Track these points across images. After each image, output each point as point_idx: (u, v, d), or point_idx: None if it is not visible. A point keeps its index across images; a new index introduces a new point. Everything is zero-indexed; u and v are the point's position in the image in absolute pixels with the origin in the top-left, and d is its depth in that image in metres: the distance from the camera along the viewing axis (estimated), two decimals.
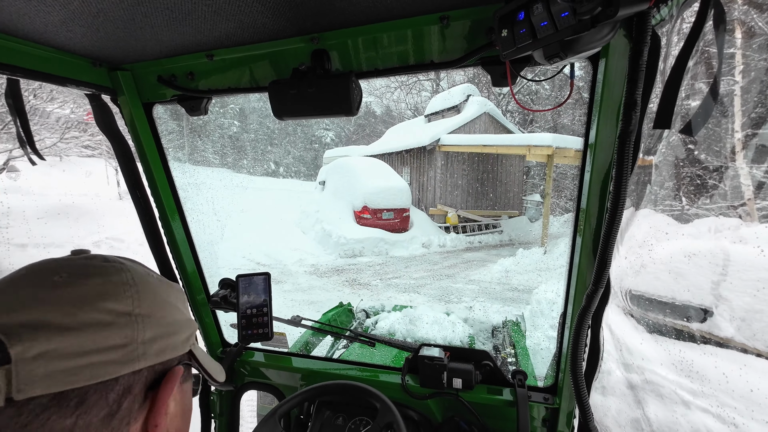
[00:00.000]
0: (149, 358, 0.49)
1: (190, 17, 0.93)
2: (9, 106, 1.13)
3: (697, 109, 0.77)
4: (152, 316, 0.51)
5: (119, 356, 0.45)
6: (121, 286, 0.49)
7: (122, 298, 0.48)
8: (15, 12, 0.87)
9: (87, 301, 0.45)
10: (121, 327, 0.46)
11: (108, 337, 0.45)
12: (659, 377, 3.18)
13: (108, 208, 11.24)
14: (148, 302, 0.51)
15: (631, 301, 3.96)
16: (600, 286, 0.92)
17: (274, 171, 38.66)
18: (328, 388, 1.28)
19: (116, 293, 0.48)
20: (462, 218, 16.32)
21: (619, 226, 0.86)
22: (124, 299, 0.48)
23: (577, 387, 1.00)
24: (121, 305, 0.48)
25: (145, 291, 0.52)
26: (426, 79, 31.22)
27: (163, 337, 0.52)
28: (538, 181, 22.50)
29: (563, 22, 0.68)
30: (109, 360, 0.45)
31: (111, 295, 0.47)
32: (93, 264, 0.50)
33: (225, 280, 1.51)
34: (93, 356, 0.43)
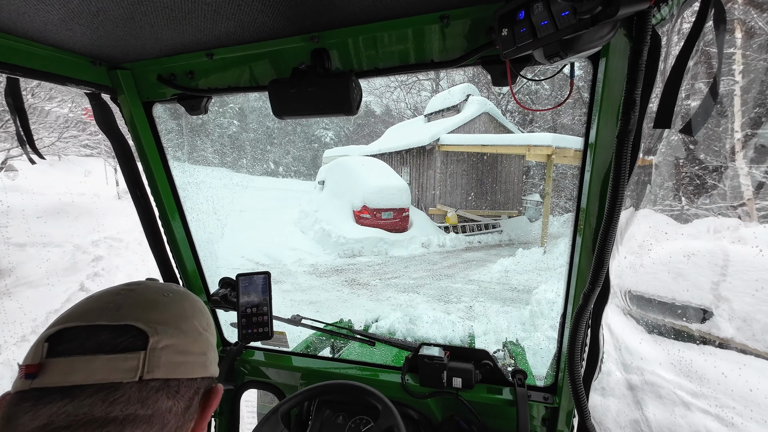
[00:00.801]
0: (211, 369, 0.60)
1: (190, 16, 0.93)
2: (9, 105, 1.13)
3: (696, 108, 0.77)
4: (213, 337, 0.63)
5: (201, 361, 0.56)
6: (202, 310, 0.63)
7: (203, 318, 0.61)
8: (15, 11, 0.87)
9: (187, 316, 0.58)
10: (203, 340, 0.58)
11: (198, 344, 0.57)
12: (659, 378, 3.18)
13: (107, 207, 11.25)
14: (211, 326, 0.63)
15: (630, 301, 3.97)
16: (597, 285, 0.92)
17: (273, 170, 38.63)
18: (330, 388, 1.28)
19: (200, 313, 0.61)
20: (461, 218, 16.32)
21: (616, 225, 0.86)
22: (204, 319, 0.61)
23: (575, 386, 1.00)
24: (203, 323, 0.60)
25: (201, 316, 0.62)
26: (426, 79, 31.23)
27: (215, 357, 0.63)
28: (538, 180, 22.50)
29: (563, 22, 0.68)
30: (197, 362, 0.55)
31: (198, 314, 0.60)
32: (182, 290, 0.64)
33: (225, 279, 1.51)
34: (190, 356, 0.54)
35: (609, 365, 3.40)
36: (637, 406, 2.98)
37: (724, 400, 2.83)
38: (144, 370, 0.48)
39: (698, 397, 2.92)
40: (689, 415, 2.78)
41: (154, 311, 0.54)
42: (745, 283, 3.32)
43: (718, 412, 2.76)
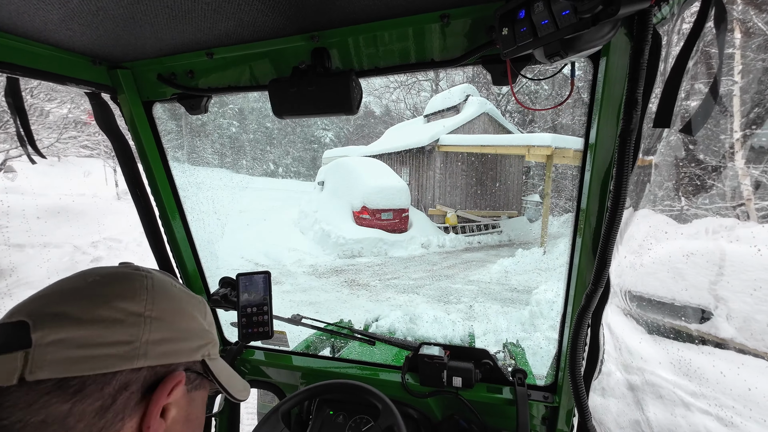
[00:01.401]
0: (151, 359, 0.51)
1: (190, 15, 0.93)
2: (9, 105, 1.12)
3: (697, 108, 0.77)
4: (163, 319, 0.54)
5: (122, 352, 0.48)
6: (138, 290, 0.54)
7: (136, 300, 0.53)
8: (14, 10, 0.87)
9: (105, 300, 0.50)
10: (129, 325, 0.50)
11: (115, 333, 0.48)
12: (659, 378, 3.18)
13: (106, 208, 11.24)
14: (161, 307, 0.55)
15: (630, 301, 3.97)
16: (599, 286, 0.92)
17: (273, 171, 38.64)
18: (331, 387, 1.28)
19: (131, 295, 0.53)
20: (461, 218, 16.32)
21: (619, 225, 0.86)
22: (138, 301, 0.53)
23: (576, 386, 1.00)
24: (134, 305, 0.52)
25: (161, 297, 0.56)
26: (425, 79, 31.25)
27: (171, 341, 0.55)
28: (538, 181, 22.52)
29: (564, 21, 0.68)
30: (111, 354, 0.47)
31: (127, 296, 0.52)
32: (123, 271, 0.57)
33: (225, 278, 1.51)
34: (97, 349, 0.46)
35: (609, 365, 3.41)
36: (637, 406, 2.98)
37: (723, 400, 2.83)
38: (25, 370, 0.42)
39: (698, 397, 2.92)
40: (689, 416, 2.78)
41: (55, 302, 0.48)
42: (744, 282, 3.33)
43: (718, 411, 2.76)
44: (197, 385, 0.61)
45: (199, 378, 0.61)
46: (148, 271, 0.59)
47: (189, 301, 0.61)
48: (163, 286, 0.58)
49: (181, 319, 0.58)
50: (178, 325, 0.57)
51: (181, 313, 0.58)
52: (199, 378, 0.62)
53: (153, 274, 0.59)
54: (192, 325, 0.60)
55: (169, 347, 0.54)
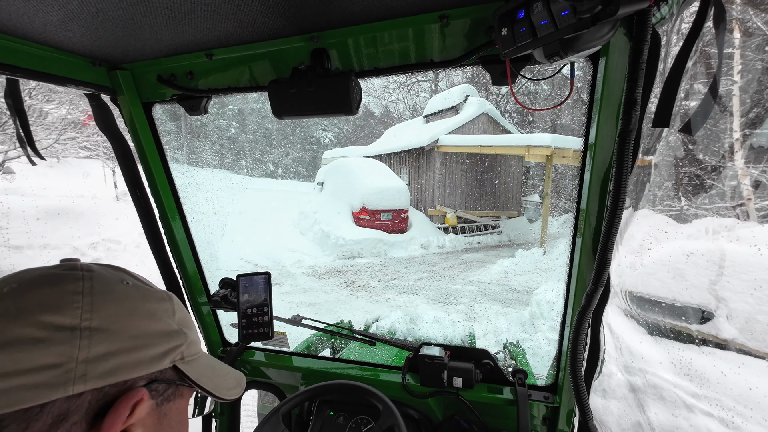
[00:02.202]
0: (93, 380, 0.42)
1: (190, 16, 0.93)
2: (8, 106, 1.12)
3: (696, 108, 0.77)
4: (107, 329, 0.44)
5: (48, 378, 0.39)
6: (70, 296, 0.44)
7: (67, 310, 0.43)
8: (14, 12, 0.87)
9: (22, 315, 0.41)
10: (56, 343, 0.41)
11: (36, 356, 0.39)
12: (660, 379, 3.18)
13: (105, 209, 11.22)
14: (104, 313, 0.45)
15: (631, 302, 3.97)
16: (600, 286, 0.92)
17: (272, 172, 38.62)
18: (331, 388, 1.28)
19: (60, 304, 0.43)
20: (461, 219, 16.33)
21: (618, 225, 0.86)
22: (70, 311, 0.43)
23: (577, 386, 1.00)
24: (63, 318, 0.42)
25: (104, 300, 0.46)
26: (424, 80, 31.27)
27: (122, 353, 0.45)
28: (537, 181, 22.51)
29: (563, 21, 0.68)
30: (34, 383, 0.39)
31: (54, 307, 0.42)
32: (52, 272, 0.46)
33: (225, 279, 1.51)
34: (14, 379, 0.38)
35: (610, 366, 3.41)
36: (639, 407, 2.98)
37: (724, 401, 2.83)
38: None
39: (699, 398, 2.92)
40: (691, 417, 2.78)
41: None
42: (745, 282, 3.33)
43: (719, 412, 2.76)
44: (169, 396, 0.53)
45: (171, 387, 0.53)
46: (89, 268, 0.49)
47: (147, 299, 0.52)
48: (108, 286, 0.48)
49: (136, 323, 0.48)
50: (132, 331, 0.47)
51: (136, 316, 0.48)
52: (172, 387, 0.53)
53: (93, 272, 0.48)
54: (153, 327, 0.50)
55: (119, 362, 0.45)
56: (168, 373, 0.52)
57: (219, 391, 0.61)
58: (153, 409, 0.49)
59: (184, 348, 0.54)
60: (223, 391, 0.62)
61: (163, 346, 0.50)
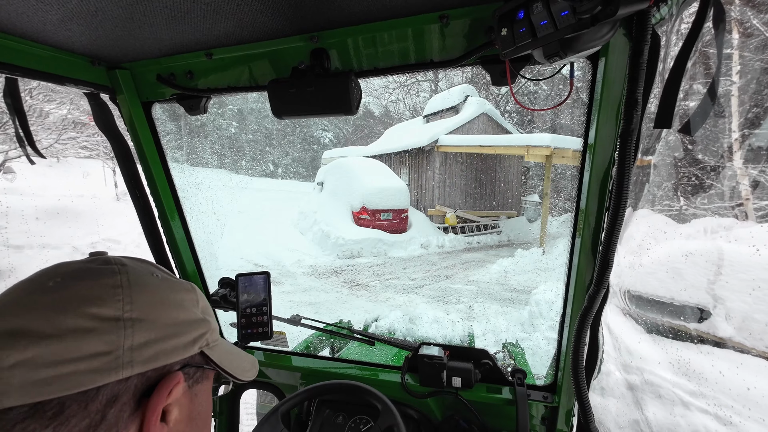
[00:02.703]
0: (138, 365, 0.46)
1: (189, 16, 0.92)
2: (8, 106, 1.12)
3: (695, 108, 0.77)
4: (146, 319, 0.48)
5: (101, 364, 0.43)
6: (111, 289, 0.47)
7: (110, 302, 0.46)
8: (13, 11, 0.87)
9: (70, 307, 0.43)
10: (104, 333, 0.44)
11: (89, 345, 0.43)
12: (658, 378, 3.18)
13: (105, 209, 11.23)
14: (142, 304, 0.49)
15: (629, 301, 3.97)
16: (602, 287, 0.92)
17: (272, 172, 38.61)
18: (330, 387, 1.28)
19: (104, 297, 0.46)
20: (460, 219, 16.33)
21: (621, 225, 0.86)
22: (113, 303, 0.46)
23: (578, 386, 1.00)
24: (108, 309, 0.45)
25: (140, 292, 0.49)
26: (424, 80, 31.26)
27: (159, 341, 0.49)
28: (537, 181, 22.51)
29: (563, 21, 0.68)
30: (90, 368, 0.42)
31: (97, 299, 0.45)
32: (90, 267, 0.49)
33: (225, 279, 1.51)
34: (71, 365, 0.41)
35: (608, 365, 3.41)
36: (637, 406, 2.99)
37: (722, 399, 2.83)
38: None
39: (697, 397, 2.92)
40: (689, 415, 2.79)
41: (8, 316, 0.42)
42: (743, 282, 3.33)
43: (717, 411, 2.76)
44: (198, 378, 0.57)
45: (199, 371, 0.57)
46: (121, 262, 0.52)
47: (175, 290, 0.55)
48: (142, 279, 0.51)
49: (169, 313, 0.52)
50: (166, 321, 0.51)
51: (168, 307, 0.52)
52: (200, 370, 0.58)
53: (128, 266, 0.52)
54: (182, 317, 0.54)
55: (158, 349, 0.49)
56: (197, 358, 0.57)
57: (238, 372, 0.65)
58: (186, 390, 0.54)
59: (209, 335, 0.59)
60: (241, 372, 0.67)
61: (192, 334, 0.55)
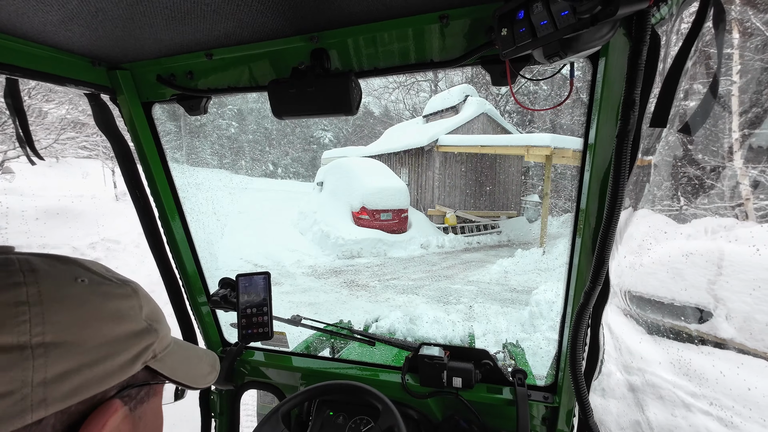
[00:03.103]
0: (55, 404, 0.36)
1: (189, 16, 0.92)
2: (8, 106, 1.12)
3: (695, 108, 0.77)
4: (66, 342, 0.38)
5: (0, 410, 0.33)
6: (12, 309, 0.36)
7: (11, 325, 0.35)
8: (13, 11, 0.87)
9: None
10: (3, 369, 0.34)
11: None
12: (659, 378, 3.18)
13: (104, 209, 11.21)
14: (59, 324, 0.37)
15: (630, 301, 3.97)
16: (597, 284, 0.92)
17: (272, 172, 38.62)
18: (331, 388, 1.28)
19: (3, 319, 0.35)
20: (460, 219, 16.32)
21: (616, 224, 0.86)
22: (15, 326, 0.35)
23: (577, 385, 1.00)
24: (9, 336, 0.35)
25: (58, 308, 0.38)
26: (424, 80, 31.26)
27: (85, 367, 0.39)
28: (537, 181, 22.51)
29: (563, 21, 0.68)
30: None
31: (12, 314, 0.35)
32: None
33: (225, 279, 1.51)
34: None
35: (609, 366, 3.41)
36: (638, 406, 2.99)
37: (723, 400, 2.83)
38: None
39: (698, 397, 2.92)
40: (690, 416, 2.79)
41: None
42: (743, 282, 3.33)
43: (718, 411, 2.76)
44: (143, 398, 0.48)
45: (144, 388, 0.48)
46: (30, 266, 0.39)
47: (109, 298, 0.44)
48: (60, 289, 0.39)
49: (99, 329, 0.41)
50: (96, 340, 0.40)
51: (98, 322, 0.41)
52: (146, 388, 0.48)
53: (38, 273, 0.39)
54: (119, 331, 0.43)
55: (83, 377, 0.38)
56: (140, 376, 0.47)
57: (195, 380, 0.56)
58: (127, 415, 0.44)
59: (156, 345, 0.49)
60: (200, 379, 0.57)
61: (133, 350, 0.45)
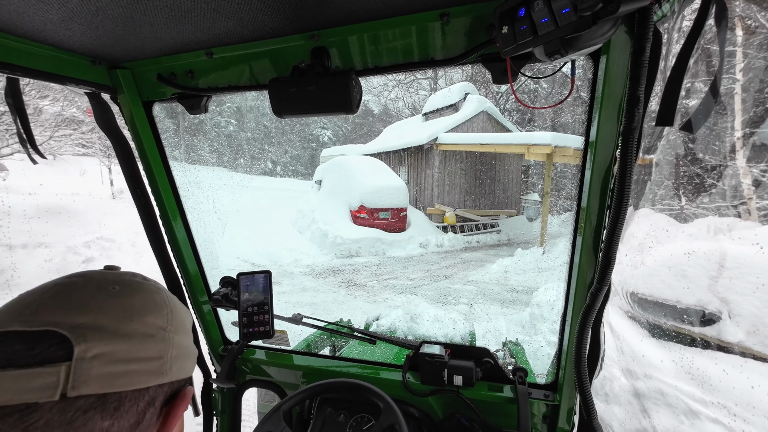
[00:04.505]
0: (172, 374, 0.52)
1: (190, 15, 0.92)
2: (9, 105, 1.12)
3: (697, 106, 0.77)
4: (177, 335, 0.54)
5: (153, 367, 0.48)
6: (160, 304, 0.53)
7: (161, 315, 0.52)
8: (14, 10, 0.87)
9: (136, 313, 0.49)
10: (158, 341, 0.50)
11: (149, 348, 0.48)
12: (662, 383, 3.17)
13: (101, 207, 11.18)
14: (176, 322, 0.55)
15: (633, 303, 3.97)
16: (604, 285, 0.92)
17: (271, 170, 38.56)
18: (332, 386, 1.28)
19: (157, 309, 0.52)
20: (460, 218, 16.33)
21: (623, 223, 0.86)
22: (162, 315, 0.52)
23: (581, 384, 1.00)
24: (160, 320, 0.51)
25: (175, 311, 0.55)
26: (424, 78, 31.27)
27: (182, 357, 0.55)
28: (537, 180, 22.52)
29: (564, 19, 0.68)
30: (146, 369, 0.47)
31: (153, 310, 0.51)
32: (137, 281, 0.55)
33: (226, 278, 1.51)
34: (135, 364, 0.46)
35: (612, 369, 3.40)
36: (641, 410, 2.98)
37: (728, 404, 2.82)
38: (67, 386, 0.40)
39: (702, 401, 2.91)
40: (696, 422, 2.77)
41: (86, 311, 0.45)
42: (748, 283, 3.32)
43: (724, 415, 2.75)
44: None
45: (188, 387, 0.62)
46: (155, 282, 0.58)
47: (187, 316, 0.61)
48: (173, 300, 0.57)
49: (186, 334, 0.58)
50: (186, 340, 0.57)
51: (186, 329, 0.59)
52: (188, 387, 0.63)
53: (161, 287, 0.58)
54: (190, 341, 0.60)
55: (182, 363, 0.55)
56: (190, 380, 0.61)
57: None
58: None
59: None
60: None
61: (194, 357, 0.61)
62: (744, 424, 2.68)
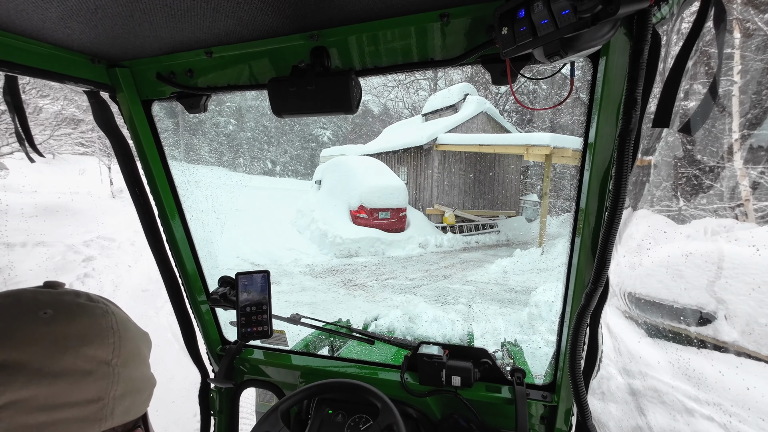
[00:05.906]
0: (115, 418, 0.43)
1: (189, 14, 0.92)
2: (7, 103, 1.12)
3: (696, 108, 0.77)
4: (128, 367, 0.45)
5: (88, 413, 0.39)
6: (106, 331, 0.44)
7: (104, 345, 0.43)
8: (12, 8, 0.86)
9: (70, 344, 0.39)
10: (98, 378, 0.41)
11: (83, 389, 0.39)
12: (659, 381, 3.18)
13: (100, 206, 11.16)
14: (126, 351, 0.45)
15: (630, 303, 3.97)
16: (599, 285, 0.92)
17: (270, 170, 38.55)
18: (330, 386, 1.28)
19: (101, 338, 0.43)
20: (459, 218, 16.33)
21: (618, 225, 0.86)
22: (106, 346, 0.43)
23: (576, 385, 1.00)
24: (103, 352, 0.42)
25: (126, 338, 0.46)
26: (423, 78, 31.24)
27: (131, 393, 0.45)
28: (536, 180, 22.53)
29: (564, 20, 0.68)
30: (78, 416, 0.38)
31: (95, 340, 0.42)
32: (79, 303, 0.45)
33: (224, 278, 1.51)
34: (62, 411, 0.37)
35: (609, 369, 3.41)
36: (637, 409, 2.99)
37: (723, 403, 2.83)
38: None
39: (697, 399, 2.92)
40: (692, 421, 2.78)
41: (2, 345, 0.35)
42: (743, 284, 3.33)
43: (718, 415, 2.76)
44: None
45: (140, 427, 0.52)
46: (105, 302, 0.47)
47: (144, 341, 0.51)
48: (125, 325, 0.47)
49: (140, 364, 0.48)
50: (139, 372, 0.47)
51: (141, 358, 0.48)
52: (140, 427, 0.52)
53: (111, 308, 0.47)
54: (146, 371, 0.50)
55: (131, 401, 0.45)
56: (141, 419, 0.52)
57: None
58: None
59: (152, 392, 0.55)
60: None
61: (149, 390, 0.51)
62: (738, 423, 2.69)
